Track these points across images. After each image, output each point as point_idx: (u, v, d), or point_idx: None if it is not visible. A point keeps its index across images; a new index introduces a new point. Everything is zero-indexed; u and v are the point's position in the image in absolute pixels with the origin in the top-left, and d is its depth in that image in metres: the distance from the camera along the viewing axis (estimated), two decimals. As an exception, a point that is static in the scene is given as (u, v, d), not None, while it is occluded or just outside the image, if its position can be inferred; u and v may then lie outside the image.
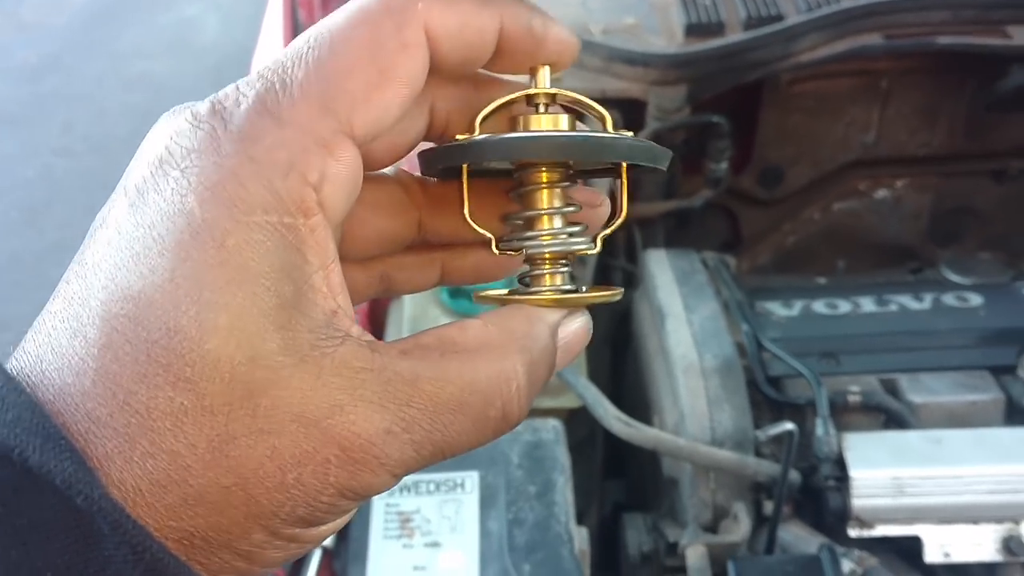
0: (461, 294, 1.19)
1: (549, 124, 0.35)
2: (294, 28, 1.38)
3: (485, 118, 0.35)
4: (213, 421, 0.28)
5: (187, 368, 0.28)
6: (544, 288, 0.37)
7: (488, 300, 0.38)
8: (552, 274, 0.37)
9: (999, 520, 1.00)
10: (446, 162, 0.35)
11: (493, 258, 0.39)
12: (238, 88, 0.31)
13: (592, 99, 0.37)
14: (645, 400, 1.25)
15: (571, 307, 0.36)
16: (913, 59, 1.45)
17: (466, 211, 0.36)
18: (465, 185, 0.36)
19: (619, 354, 1.48)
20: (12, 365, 0.29)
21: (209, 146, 0.29)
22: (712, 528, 1.08)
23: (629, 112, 1.38)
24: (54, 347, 0.29)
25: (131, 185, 0.30)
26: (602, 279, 1.48)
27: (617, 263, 1.49)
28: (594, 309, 0.38)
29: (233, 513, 0.28)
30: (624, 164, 0.37)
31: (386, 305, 1.27)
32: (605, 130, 0.36)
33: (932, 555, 1.00)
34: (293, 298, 0.29)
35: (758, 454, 1.08)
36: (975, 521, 1.00)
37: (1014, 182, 1.56)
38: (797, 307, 1.26)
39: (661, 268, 1.28)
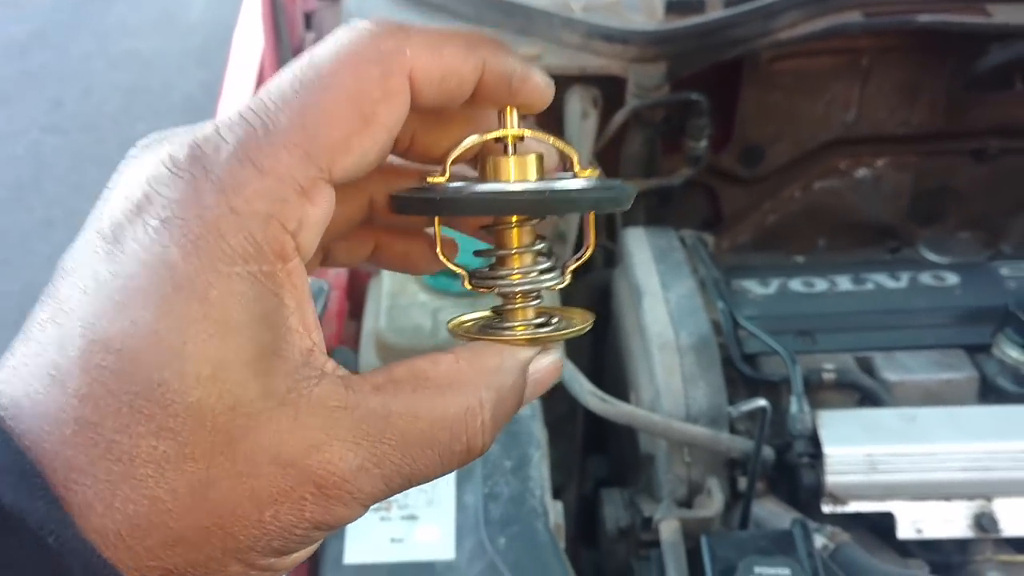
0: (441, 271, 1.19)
1: (518, 169, 0.36)
2: (273, 9, 1.38)
3: (455, 159, 0.36)
4: (195, 467, 0.29)
5: (170, 419, 0.28)
6: (516, 323, 0.38)
7: (461, 336, 0.38)
8: (524, 308, 0.38)
9: (971, 497, 1.01)
10: (419, 213, 0.36)
11: (421, 250, 0.40)
12: (218, 132, 0.30)
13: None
14: (623, 377, 1.26)
15: (543, 343, 0.37)
16: (893, 37, 1.45)
17: (439, 250, 0.37)
18: (438, 231, 0.37)
19: (600, 332, 1.49)
20: None
21: (191, 197, 0.29)
22: (687, 503, 1.09)
23: (609, 89, 1.38)
24: (30, 393, 0.29)
25: (106, 229, 0.30)
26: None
27: (597, 242, 1.49)
28: (573, 287, 0.38)
29: (211, 550, 0.29)
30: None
31: (365, 281, 1.27)
32: (573, 171, 0.37)
33: (904, 531, 1.01)
34: (272, 344, 0.30)
35: (733, 431, 1.08)
36: (947, 498, 1.01)
37: (994, 161, 1.56)
38: (773, 285, 1.26)
39: (639, 246, 1.28)
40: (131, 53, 3.97)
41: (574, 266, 0.39)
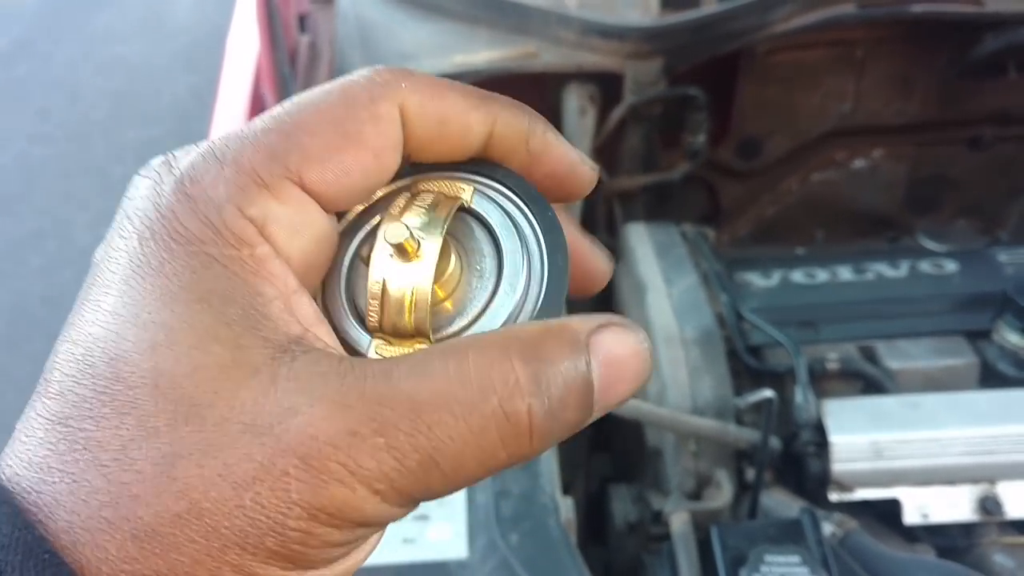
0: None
1: (444, 291, 0.32)
2: (267, 11, 1.37)
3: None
4: (158, 442, 0.26)
5: (129, 391, 0.27)
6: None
7: None
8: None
9: (975, 481, 1.02)
10: None
11: None
12: (196, 143, 0.31)
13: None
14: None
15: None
16: (887, 28, 1.46)
17: None
18: None
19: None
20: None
21: (152, 191, 0.30)
22: (696, 496, 1.10)
23: (606, 86, 1.38)
24: (28, 415, 0.28)
25: (97, 254, 0.31)
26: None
27: (598, 237, 1.50)
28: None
29: (192, 549, 0.26)
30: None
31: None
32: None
33: (911, 517, 1.02)
34: (242, 320, 0.28)
35: (740, 423, 1.09)
36: (952, 482, 1.02)
37: (989, 149, 1.57)
38: (776, 277, 1.27)
39: (640, 241, 1.29)
40: (117, 59, 3.94)
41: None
